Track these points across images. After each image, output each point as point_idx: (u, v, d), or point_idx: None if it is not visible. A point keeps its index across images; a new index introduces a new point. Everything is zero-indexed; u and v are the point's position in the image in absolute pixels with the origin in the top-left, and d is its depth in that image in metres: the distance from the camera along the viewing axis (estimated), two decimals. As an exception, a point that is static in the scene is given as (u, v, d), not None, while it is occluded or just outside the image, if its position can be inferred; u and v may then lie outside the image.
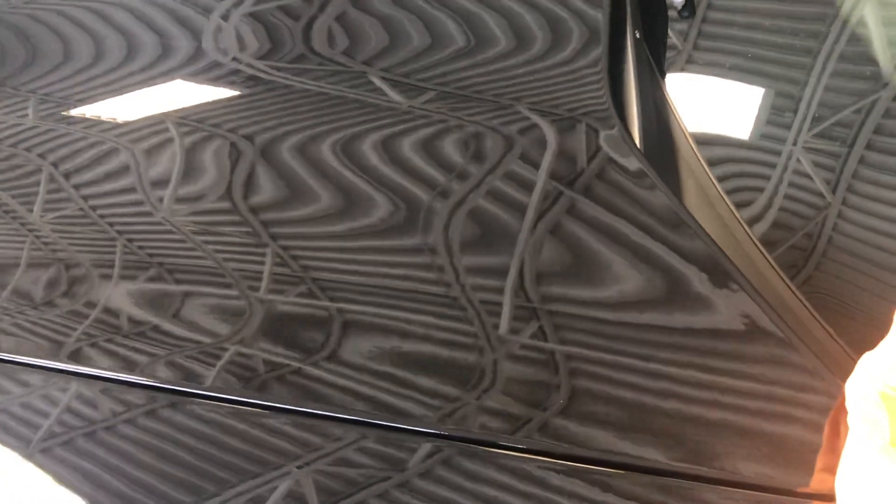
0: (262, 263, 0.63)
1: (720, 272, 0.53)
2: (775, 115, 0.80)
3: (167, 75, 0.77)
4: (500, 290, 0.57)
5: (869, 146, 0.77)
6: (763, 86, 0.81)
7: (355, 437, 0.54)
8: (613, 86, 0.62)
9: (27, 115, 0.78)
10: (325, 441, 0.55)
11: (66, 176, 0.73)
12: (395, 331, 0.57)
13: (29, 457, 0.58)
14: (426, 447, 0.53)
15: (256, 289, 0.62)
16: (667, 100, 0.62)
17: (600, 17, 0.67)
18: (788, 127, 0.79)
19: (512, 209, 0.60)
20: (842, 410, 0.48)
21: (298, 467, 0.54)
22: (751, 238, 0.56)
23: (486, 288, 0.57)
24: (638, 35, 0.65)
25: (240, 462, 0.55)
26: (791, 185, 0.73)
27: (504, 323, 0.55)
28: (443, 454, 0.53)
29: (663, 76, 0.65)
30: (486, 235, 0.59)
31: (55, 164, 0.73)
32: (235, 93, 0.74)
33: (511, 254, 0.57)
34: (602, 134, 0.61)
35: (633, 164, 0.58)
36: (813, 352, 0.51)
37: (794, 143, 0.77)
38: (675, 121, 0.61)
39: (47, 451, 0.58)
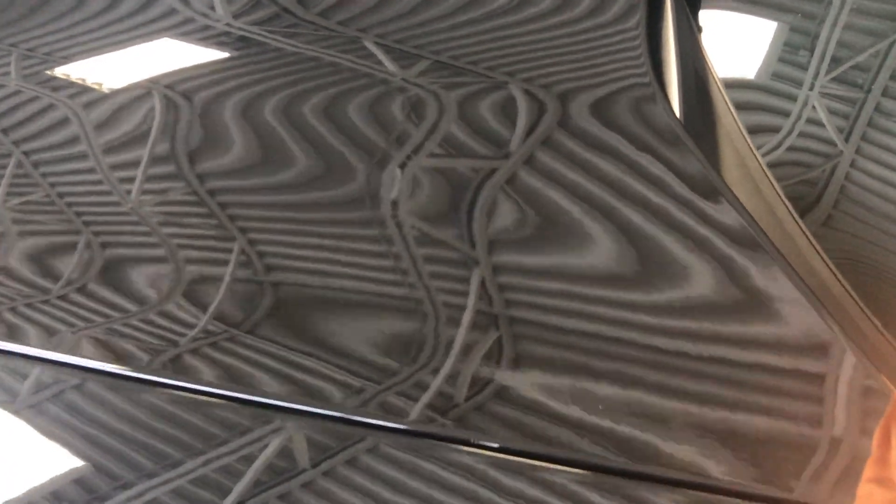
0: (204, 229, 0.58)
1: (761, 258, 0.49)
2: (789, 54, 0.76)
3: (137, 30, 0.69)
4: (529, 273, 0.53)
5: (885, 93, 0.73)
6: (777, 20, 0.76)
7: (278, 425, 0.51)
8: (652, 50, 0.56)
9: (9, 73, 0.70)
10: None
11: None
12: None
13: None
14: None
15: (194, 260, 0.57)
16: (706, 61, 0.57)
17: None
18: (804, 67, 0.74)
19: (540, 186, 0.55)
20: (894, 418, 0.46)
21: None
22: (794, 218, 0.52)
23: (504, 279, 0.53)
24: (679, -10, 0.59)
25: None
26: (802, 134, 0.69)
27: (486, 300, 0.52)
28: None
29: (700, 31, 0.60)
30: (507, 220, 0.54)
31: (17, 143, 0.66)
32: (207, 51, 0.67)
33: (554, 244, 0.53)
34: (640, 104, 0.55)
35: (673, 137, 0.53)
36: (861, 349, 0.48)
37: (811, 89, 0.73)
38: (714, 85, 0.56)
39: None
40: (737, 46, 0.73)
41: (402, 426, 0.50)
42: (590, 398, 0.48)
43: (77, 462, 0.52)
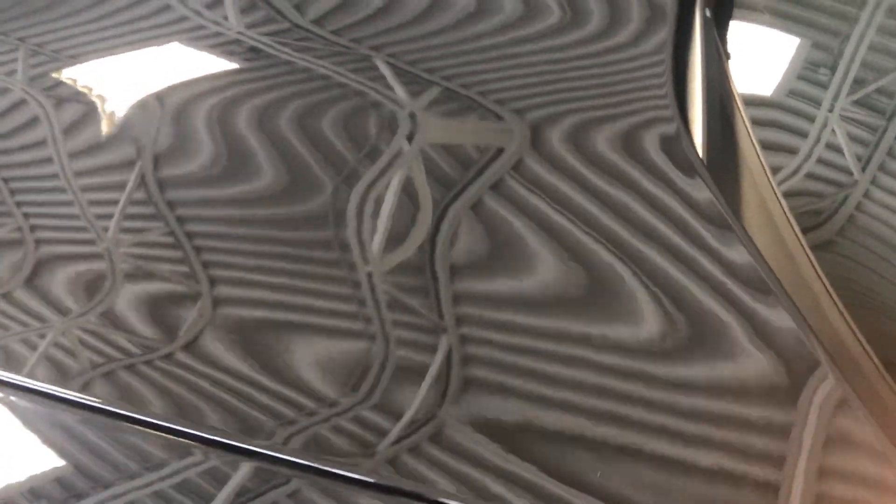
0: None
1: (784, 322, 0.46)
2: (809, 71, 0.72)
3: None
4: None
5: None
6: (799, 35, 0.72)
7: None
8: (677, 79, 0.52)
9: (15, 70, 0.65)
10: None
11: None
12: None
13: None
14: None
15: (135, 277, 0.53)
16: (733, 92, 0.53)
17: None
18: (824, 86, 0.71)
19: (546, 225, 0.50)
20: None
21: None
22: (815, 269, 0.48)
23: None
24: (709, 13, 0.54)
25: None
26: (819, 160, 0.66)
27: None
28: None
29: (728, 58, 0.55)
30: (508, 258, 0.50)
31: None
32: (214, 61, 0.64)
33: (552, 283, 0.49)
34: (661, 140, 0.51)
35: (697, 185, 0.49)
36: (874, 415, 0.45)
37: (830, 110, 0.69)
38: (739, 118, 0.52)
39: None
40: (755, 61, 0.69)
41: (333, 469, 0.45)
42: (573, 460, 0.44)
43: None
